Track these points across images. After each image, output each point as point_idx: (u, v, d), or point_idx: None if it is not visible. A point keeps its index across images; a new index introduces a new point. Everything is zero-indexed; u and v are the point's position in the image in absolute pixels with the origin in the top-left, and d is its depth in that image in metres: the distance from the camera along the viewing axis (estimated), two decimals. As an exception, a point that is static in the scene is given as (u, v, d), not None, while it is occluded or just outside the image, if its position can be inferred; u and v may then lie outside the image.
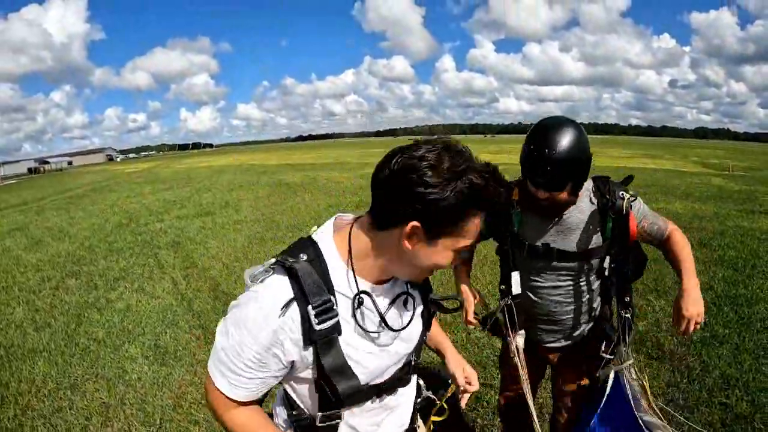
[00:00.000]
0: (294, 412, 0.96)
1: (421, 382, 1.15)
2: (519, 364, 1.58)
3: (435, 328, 1.18)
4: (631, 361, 1.50)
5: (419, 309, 1.00)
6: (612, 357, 1.54)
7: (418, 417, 1.15)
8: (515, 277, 1.57)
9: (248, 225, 8.01)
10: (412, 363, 1.03)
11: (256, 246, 6.53)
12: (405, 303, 0.96)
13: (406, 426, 1.07)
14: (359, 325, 0.88)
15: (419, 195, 0.75)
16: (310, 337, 0.83)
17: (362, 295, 0.87)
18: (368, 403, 0.96)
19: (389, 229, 0.82)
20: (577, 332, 1.65)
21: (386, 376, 0.96)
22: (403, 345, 0.97)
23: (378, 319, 0.90)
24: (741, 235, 6.13)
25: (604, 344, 1.56)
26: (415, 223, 0.78)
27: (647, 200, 1.65)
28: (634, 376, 1.49)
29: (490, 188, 0.79)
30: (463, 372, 1.14)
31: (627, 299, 1.50)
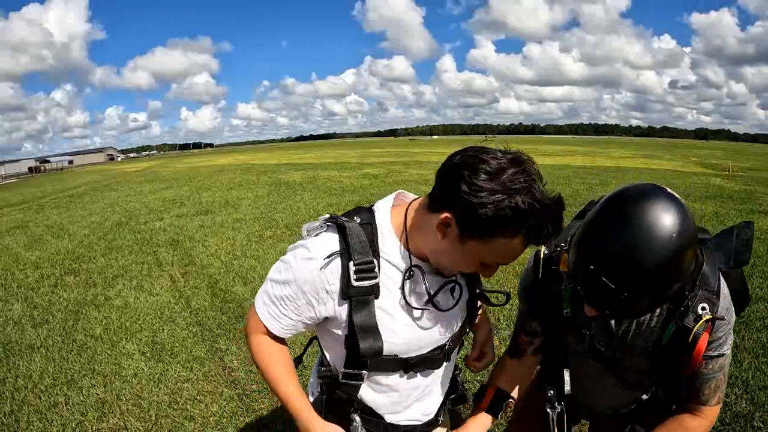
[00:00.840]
0: (323, 368, 1.02)
1: (460, 378, 1.16)
2: None
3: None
4: None
5: (465, 298, 1.01)
6: None
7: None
8: (567, 377, 1.16)
9: (247, 223, 7.99)
10: (446, 347, 1.02)
11: (255, 244, 6.52)
12: (452, 290, 0.97)
13: (432, 416, 1.07)
14: (404, 298, 0.91)
15: (462, 192, 0.77)
16: (347, 292, 0.88)
17: (414, 269, 0.91)
18: (396, 377, 0.98)
19: (434, 212, 0.85)
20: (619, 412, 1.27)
21: (416, 353, 0.97)
22: (442, 329, 0.98)
23: (426, 297, 0.92)
24: (741, 235, 6.12)
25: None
26: (448, 214, 0.81)
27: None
28: None
29: (534, 218, 0.76)
30: (480, 346, 1.14)
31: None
